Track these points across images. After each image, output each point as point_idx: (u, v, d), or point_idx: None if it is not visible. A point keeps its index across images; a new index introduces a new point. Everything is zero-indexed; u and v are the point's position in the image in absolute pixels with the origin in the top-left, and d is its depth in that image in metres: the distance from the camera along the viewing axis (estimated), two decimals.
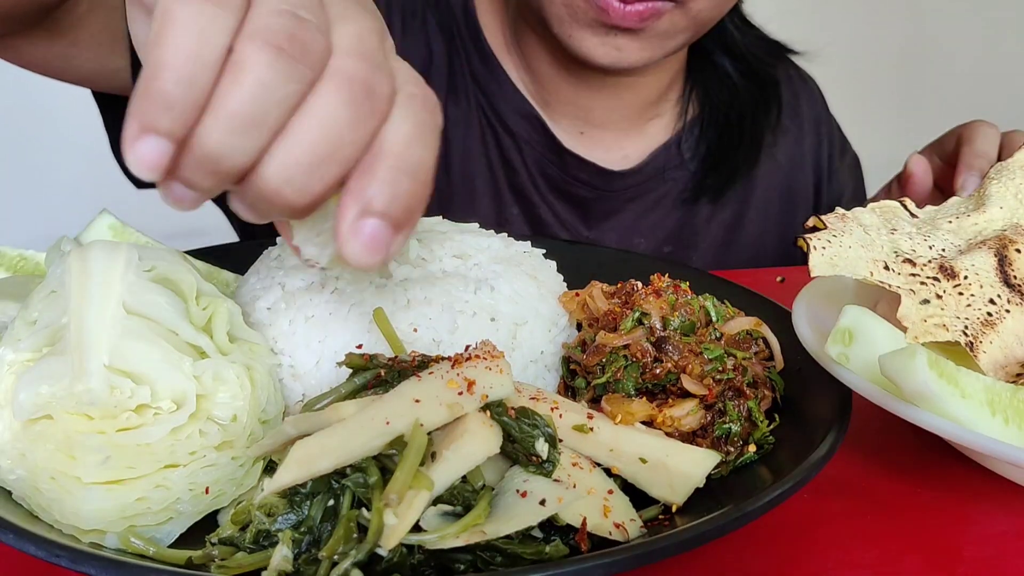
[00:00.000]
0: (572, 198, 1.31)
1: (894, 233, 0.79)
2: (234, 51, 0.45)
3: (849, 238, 0.76)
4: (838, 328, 0.70)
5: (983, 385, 0.65)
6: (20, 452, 0.61)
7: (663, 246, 1.36)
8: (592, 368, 0.74)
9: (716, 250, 1.38)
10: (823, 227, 0.77)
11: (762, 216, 1.41)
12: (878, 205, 0.83)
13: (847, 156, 1.52)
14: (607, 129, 1.31)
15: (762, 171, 1.39)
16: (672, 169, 1.34)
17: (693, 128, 1.36)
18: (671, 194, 1.35)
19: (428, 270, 0.80)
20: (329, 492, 0.57)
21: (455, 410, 0.60)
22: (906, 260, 0.76)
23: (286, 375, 0.72)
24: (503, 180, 1.31)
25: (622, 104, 1.29)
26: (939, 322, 0.71)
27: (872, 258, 0.75)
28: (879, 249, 0.77)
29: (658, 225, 1.35)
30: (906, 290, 0.73)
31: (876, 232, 0.78)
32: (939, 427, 0.63)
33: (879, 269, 0.74)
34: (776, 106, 1.40)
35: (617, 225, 1.33)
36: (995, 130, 1.15)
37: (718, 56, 1.35)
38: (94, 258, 0.67)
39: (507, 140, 1.30)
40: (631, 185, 1.32)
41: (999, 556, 0.65)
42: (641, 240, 1.35)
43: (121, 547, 0.59)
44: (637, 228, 1.34)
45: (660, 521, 0.63)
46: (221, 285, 0.86)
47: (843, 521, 0.68)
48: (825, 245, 0.74)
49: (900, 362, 0.63)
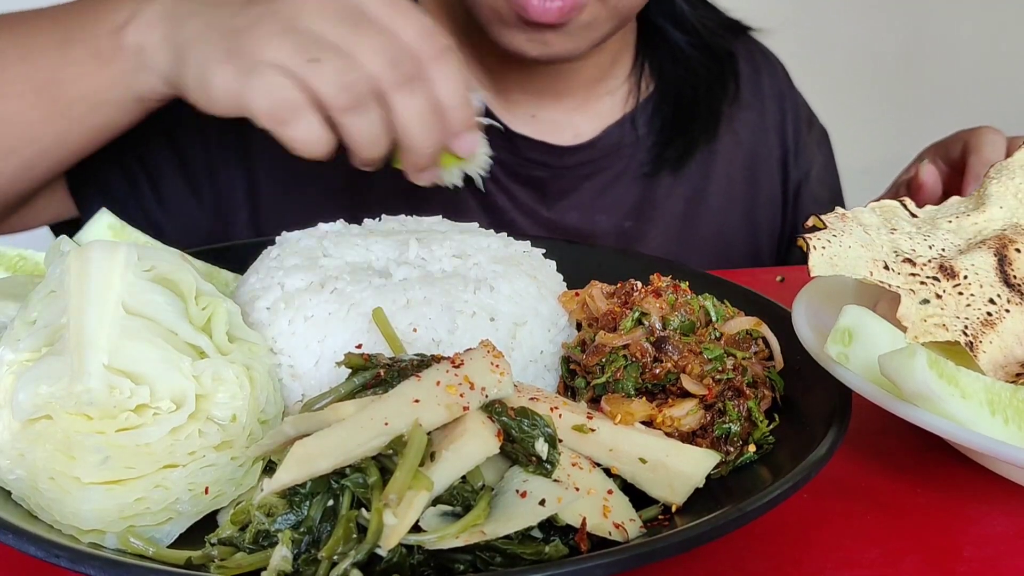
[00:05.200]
0: (528, 180, 1.32)
1: (894, 233, 0.79)
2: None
3: (849, 238, 0.76)
4: (838, 328, 0.70)
5: (983, 385, 0.65)
6: (19, 452, 0.61)
7: (624, 221, 1.36)
8: (592, 368, 0.74)
9: (678, 223, 1.39)
10: (823, 227, 0.77)
11: (724, 189, 1.41)
12: (878, 204, 0.83)
13: (814, 130, 1.53)
14: (558, 110, 1.33)
15: (722, 145, 1.40)
16: (628, 145, 1.35)
17: (648, 103, 1.37)
18: (629, 170, 1.36)
19: (428, 270, 0.80)
20: (328, 492, 0.57)
21: (454, 410, 0.60)
22: (906, 260, 0.76)
23: (285, 375, 0.72)
24: None
25: (569, 83, 1.31)
26: (939, 322, 0.71)
27: (872, 258, 0.75)
28: (879, 249, 0.77)
29: (618, 201, 1.36)
30: (906, 290, 0.73)
31: (876, 232, 0.78)
32: (939, 427, 0.63)
33: (879, 269, 0.74)
34: (734, 79, 1.41)
35: (576, 204, 1.34)
36: (1001, 137, 1.15)
37: (669, 31, 1.37)
38: (93, 258, 0.67)
39: None
40: (584, 161, 1.33)
41: (999, 556, 0.65)
42: (602, 217, 1.35)
43: (120, 547, 0.59)
44: (597, 205, 1.35)
45: (660, 521, 0.63)
46: (221, 285, 0.86)
47: (843, 521, 0.68)
48: (825, 245, 0.74)
49: (900, 362, 0.63)
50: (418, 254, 0.81)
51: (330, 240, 0.83)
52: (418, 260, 0.81)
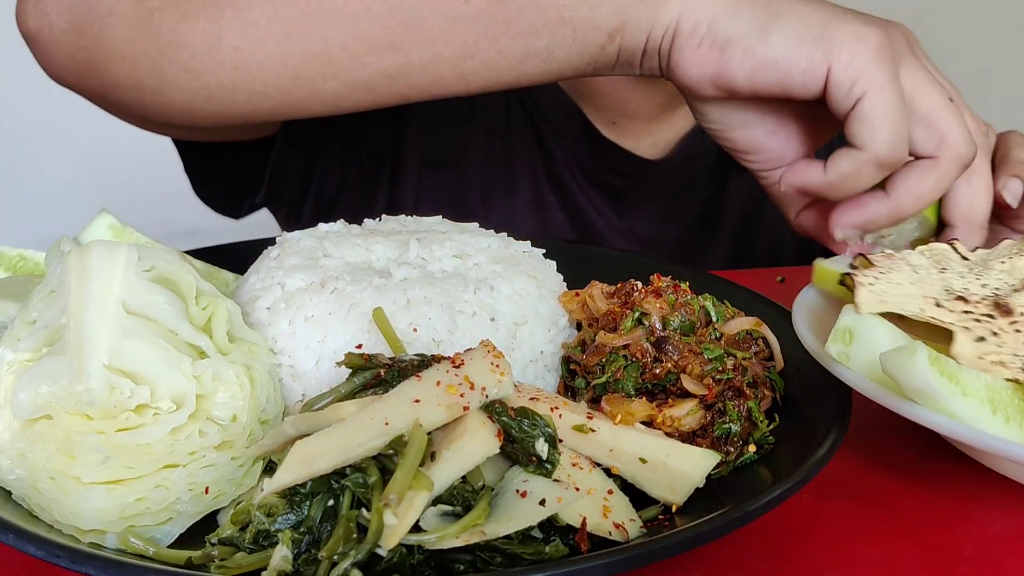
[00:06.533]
0: (606, 187, 1.33)
1: (944, 272, 0.78)
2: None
3: (898, 275, 0.75)
4: (838, 327, 0.70)
5: (984, 383, 0.65)
6: (20, 452, 0.61)
7: (693, 231, 1.37)
8: (592, 368, 0.74)
9: (739, 228, 1.38)
10: (870, 265, 0.76)
11: None
12: (927, 248, 0.82)
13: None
14: (639, 119, 1.33)
15: None
16: (698, 157, 1.35)
17: None
18: (699, 179, 1.36)
19: (428, 270, 0.80)
20: (329, 492, 0.57)
21: (454, 410, 0.60)
22: (959, 297, 0.74)
23: (286, 375, 0.72)
24: (540, 168, 1.33)
25: (655, 93, 1.30)
26: (996, 359, 0.69)
27: (923, 295, 0.74)
28: (930, 286, 0.75)
29: (688, 209, 1.36)
30: (960, 327, 0.71)
31: (926, 271, 0.77)
32: (939, 424, 0.63)
33: (931, 306, 0.73)
34: None
35: (648, 213, 1.35)
36: None
37: None
38: (93, 258, 0.67)
39: (545, 128, 1.32)
40: (664, 173, 1.33)
41: (999, 556, 0.65)
42: (672, 226, 1.36)
43: (121, 547, 0.59)
44: (667, 215, 1.35)
45: (660, 521, 0.63)
46: (221, 285, 0.86)
47: (843, 521, 0.68)
48: (872, 281, 0.74)
49: (901, 360, 0.63)
50: (418, 254, 0.81)
51: (330, 240, 0.83)
52: (418, 260, 0.81)
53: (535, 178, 1.33)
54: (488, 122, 1.32)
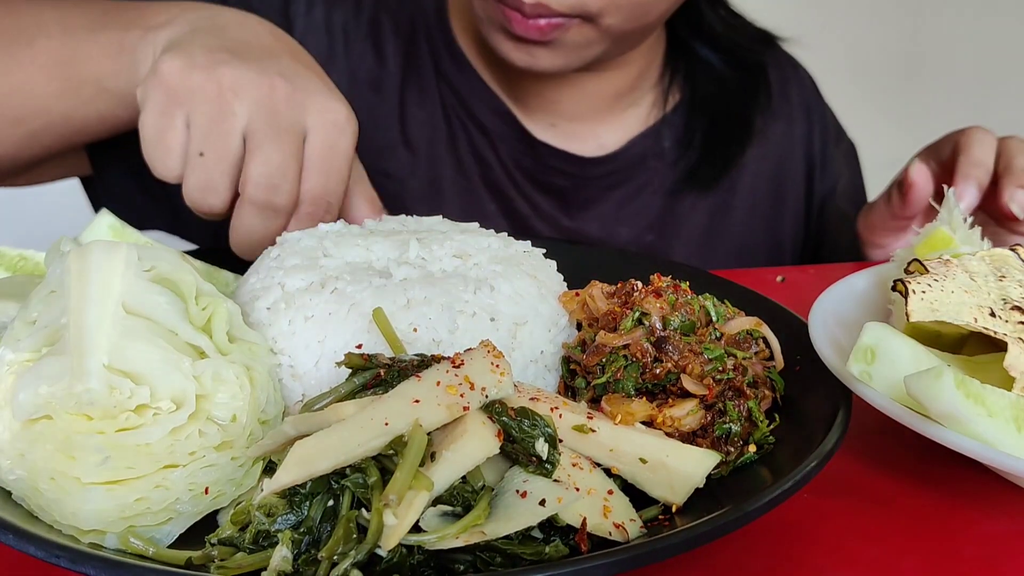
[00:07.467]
0: (549, 188, 1.31)
1: (1003, 280, 0.77)
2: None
3: (952, 282, 0.74)
4: (859, 346, 0.69)
5: (1008, 402, 0.64)
6: (20, 452, 0.61)
7: (645, 235, 1.35)
8: (592, 368, 0.74)
9: (700, 238, 1.37)
10: (924, 272, 0.75)
11: (749, 202, 1.39)
12: (988, 253, 0.81)
13: (842, 144, 1.50)
14: (577, 121, 1.32)
15: (750, 157, 1.38)
16: (653, 158, 1.34)
17: (675, 115, 1.35)
18: (653, 182, 1.34)
19: (428, 270, 0.80)
20: (329, 492, 0.57)
21: (454, 410, 0.60)
22: (1015, 307, 0.73)
23: (286, 375, 0.72)
24: (477, 177, 1.31)
25: (589, 96, 1.30)
26: None
27: (977, 304, 0.73)
28: (985, 295, 0.74)
29: (640, 213, 1.34)
30: (1014, 338, 0.70)
31: (983, 279, 0.76)
32: (970, 448, 0.62)
33: (984, 316, 0.72)
34: (765, 90, 1.39)
35: (598, 215, 1.33)
36: (991, 137, 1.14)
37: (699, 48, 1.35)
38: (93, 258, 0.67)
39: (479, 137, 1.30)
40: (608, 172, 1.32)
41: (999, 556, 0.65)
42: (623, 229, 1.34)
43: (120, 547, 0.59)
44: (619, 217, 1.34)
45: (660, 521, 0.63)
46: (221, 285, 0.86)
47: (843, 521, 0.68)
48: (925, 289, 0.72)
49: (926, 383, 0.63)
50: (418, 254, 0.81)
51: (330, 240, 0.83)
52: (418, 260, 0.81)
53: (468, 187, 1.30)
54: (410, 134, 1.29)
